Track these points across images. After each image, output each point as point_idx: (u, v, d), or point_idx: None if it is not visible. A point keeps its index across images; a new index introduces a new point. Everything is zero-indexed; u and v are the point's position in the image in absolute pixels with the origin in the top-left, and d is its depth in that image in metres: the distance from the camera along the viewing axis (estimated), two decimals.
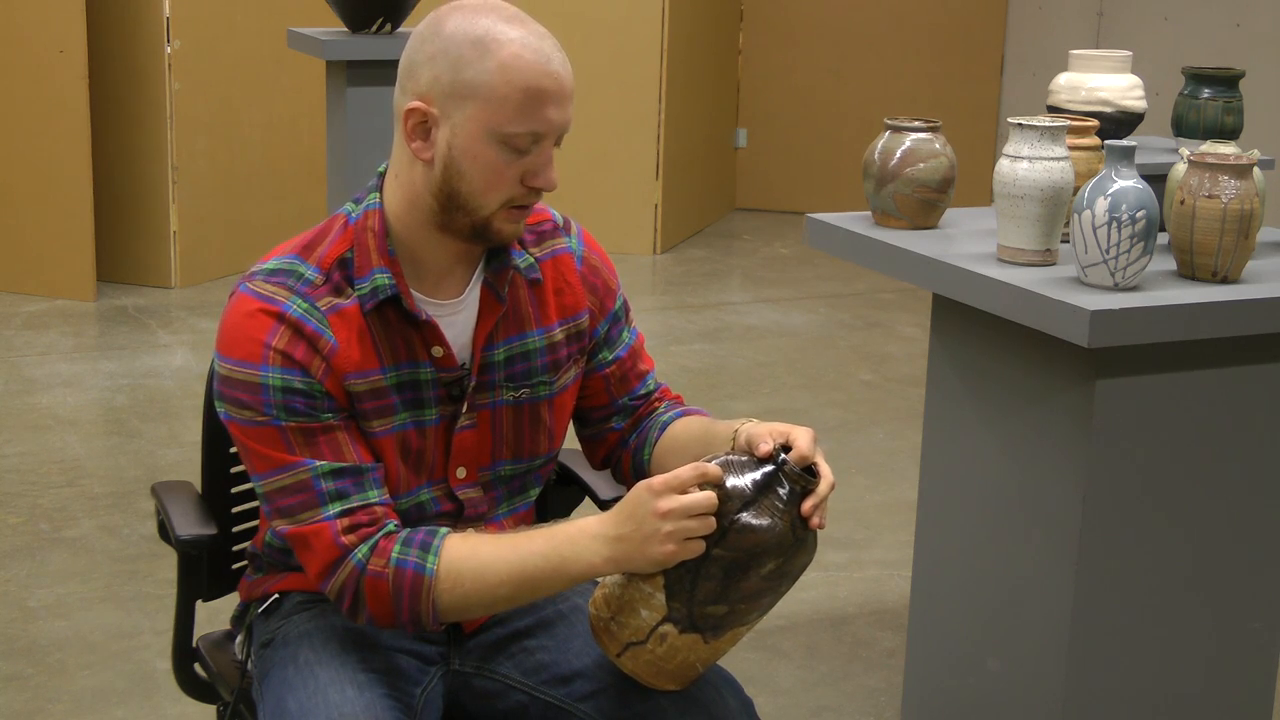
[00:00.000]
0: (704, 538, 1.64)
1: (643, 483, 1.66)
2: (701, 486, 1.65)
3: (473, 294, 1.85)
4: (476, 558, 1.72)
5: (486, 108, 1.70)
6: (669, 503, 1.63)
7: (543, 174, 1.75)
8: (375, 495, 1.76)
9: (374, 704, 1.73)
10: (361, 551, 1.72)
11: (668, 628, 1.69)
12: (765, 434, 1.73)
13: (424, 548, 1.72)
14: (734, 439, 1.79)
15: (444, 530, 1.75)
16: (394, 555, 1.72)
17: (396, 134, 1.79)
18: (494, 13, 1.74)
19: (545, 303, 1.91)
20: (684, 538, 1.63)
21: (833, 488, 1.71)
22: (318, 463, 1.73)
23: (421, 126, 1.74)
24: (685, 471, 1.65)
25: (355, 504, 1.74)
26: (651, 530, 1.64)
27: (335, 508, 1.73)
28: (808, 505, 1.68)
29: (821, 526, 1.69)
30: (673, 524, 1.63)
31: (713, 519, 1.64)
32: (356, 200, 1.83)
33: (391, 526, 1.75)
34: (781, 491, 1.67)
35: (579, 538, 1.69)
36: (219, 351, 1.77)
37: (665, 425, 1.99)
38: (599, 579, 1.77)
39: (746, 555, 1.65)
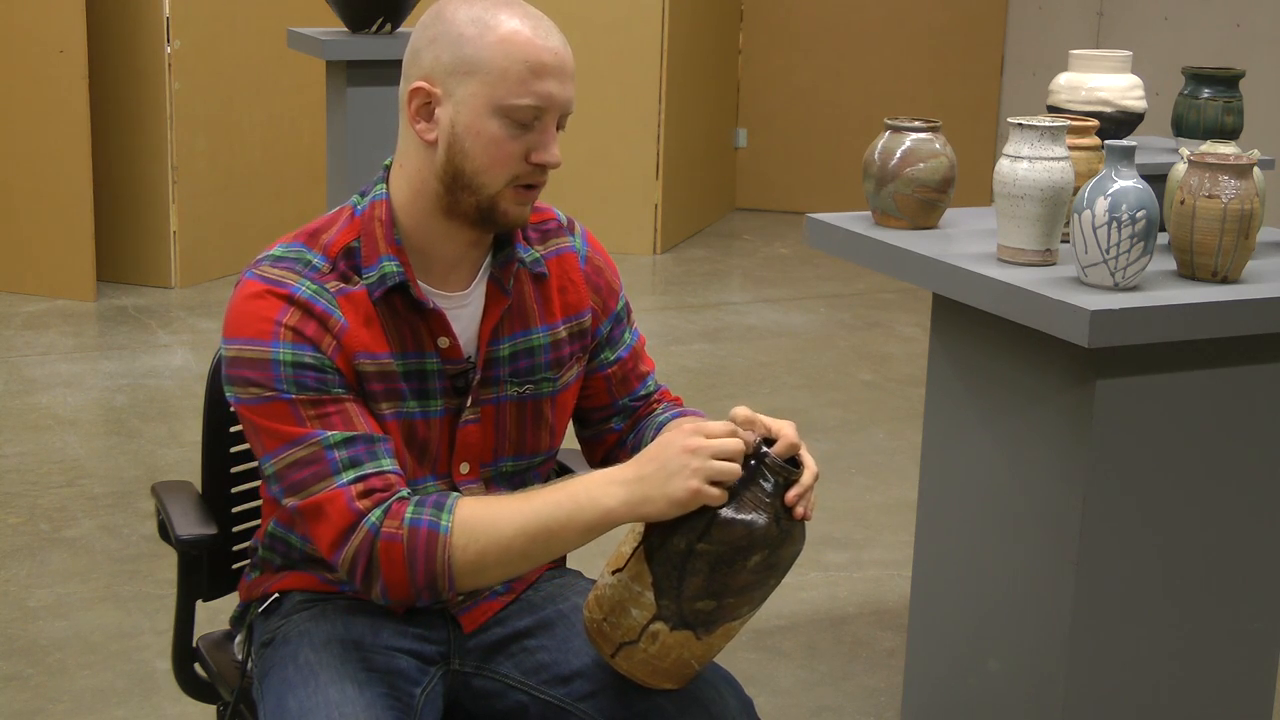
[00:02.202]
0: (687, 534, 1.65)
1: (669, 429, 1.68)
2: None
3: (479, 288, 1.86)
4: (489, 512, 1.71)
5: (488, 81, 1.73)
6: (697, 441, 1.64)
7: (547, 149, 1.76)
8: (389, 464, 1.75)
9: (374, 703, 1.73)
10: (375, 515, 1.70)
11: (659, 626, 1.69)
12: (753, 419, 1.73)
13: (438, 506, 1.71)
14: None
15: (456, 493, 1.75)
16: (408, 515, 1.70)
17: (401, 122, 1.81)
18: None
19: (549, 300, 1.92)
20: (708, 477, 1.63)
21: (816, 478, 1.72)
22: (329, 433, 1.72)
23: (425, 107, 1.76)
24: (715, 424, 1.67)
25: (369, 470, 1.72)
26: (677, 467, 1.64)
27: (349, 475, 1.71)
28: (791, 495, 1.68)
29: (807, 517, 1.69)
30: (700, 460, 1.63)
31: (739, 468, 1.64)
32: (362, 193, 1.84)
33: (405, 492, 1.74)
34: (765, 485, 1.67)
35: (593, 484, 1.69)
36: (225, 336, 1.76)
37: (661, 426, 1.99)
38: (595, 579, 1.77)
39: (731, 549, 1.65)
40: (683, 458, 1.64)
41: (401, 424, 1.81)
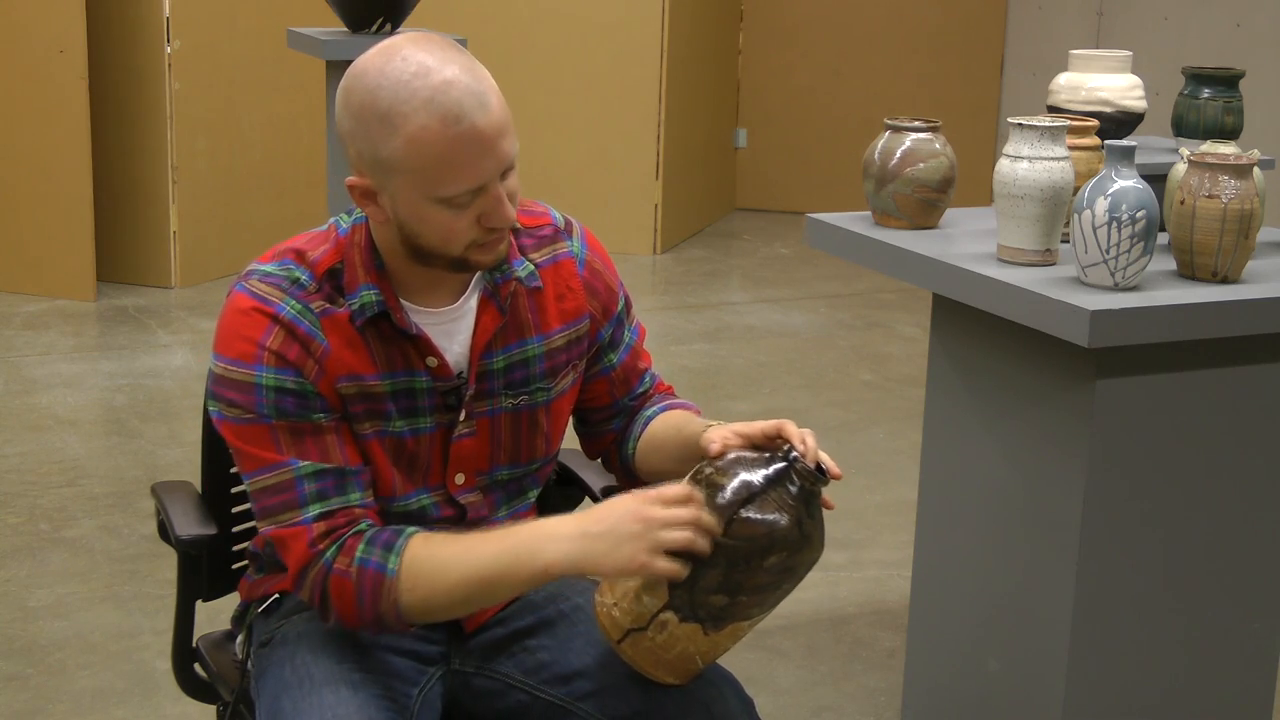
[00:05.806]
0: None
1: (628, 493, 1.68)
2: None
3: (470, 301, 1.84)
4: (435, 559, 1.72)
5: (412, 180, 1.68)
6: (650, 511, 1.64)
7: (496, 214, 1.72)
8: (356, 498, 1.76)
9: (367, 705, 1.73)
10: (330, 552, 1.73)
11: (668, 615, 1.70)
12: (715, 436, 1.75)
13: (387, 547, 1.73)
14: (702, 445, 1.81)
15: (411, 530, 1.75)
16: (358, 554, 1.72)
17: None
18: (401, 65, 1.66)
19: (545, 309, 1.90)
20: (658, 548, 1.63)
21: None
22: (302, 463, 1.74)
23: (366, 195, 1.73)
24: (671, 491, 1.66)
25: (335, 506, 1.74)
26: (627, 535, 1.64)
27: (315, 510, 1.74)
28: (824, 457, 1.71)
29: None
30: (651, 533, 1.63)
31: (693, 537, 1.64)
32: (349, 211, 1.83)
33: (363, 526, 1.75)
34: (791, 488, 1.69)
35: (537, 537, 1.69)
36: (215, 350, 1.77)
37: (648, 420, 2.00)
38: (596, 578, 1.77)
39: (751, 547, 1.66)
40: (634, 526, 1.64)
41: (387, 441, 1.81)
